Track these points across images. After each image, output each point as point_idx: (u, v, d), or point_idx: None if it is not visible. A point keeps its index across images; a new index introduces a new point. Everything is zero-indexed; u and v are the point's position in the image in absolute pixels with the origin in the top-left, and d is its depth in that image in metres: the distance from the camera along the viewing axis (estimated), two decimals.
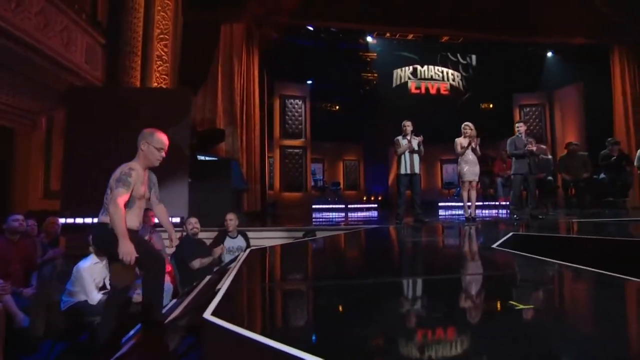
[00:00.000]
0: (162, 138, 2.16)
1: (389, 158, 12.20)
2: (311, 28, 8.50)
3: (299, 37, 8.73)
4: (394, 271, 2.26)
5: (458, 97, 10.86)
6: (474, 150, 5.15)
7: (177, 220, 4.48)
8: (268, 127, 8.76)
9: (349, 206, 9.61)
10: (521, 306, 1.38)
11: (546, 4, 7.84)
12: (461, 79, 10.78)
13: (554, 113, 9.79)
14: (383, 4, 7.91)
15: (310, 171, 9.71)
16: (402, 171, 5.05)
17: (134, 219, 2.12)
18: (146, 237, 3.83)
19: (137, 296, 2.78)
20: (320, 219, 7.22)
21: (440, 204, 9.35)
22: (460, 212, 9.30)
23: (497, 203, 8.60)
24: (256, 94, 7.21)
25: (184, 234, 3.66)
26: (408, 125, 5.18)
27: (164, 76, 5.88)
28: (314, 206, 9.14)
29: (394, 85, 10.29)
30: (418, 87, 10.70)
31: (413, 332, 1.17)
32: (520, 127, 5.48)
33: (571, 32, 8.42)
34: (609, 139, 6.78)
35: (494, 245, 2.87)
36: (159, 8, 5.72)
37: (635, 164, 6.45)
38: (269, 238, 4.41)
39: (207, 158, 5.28)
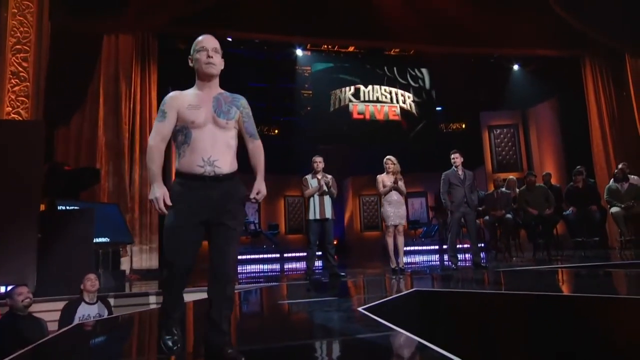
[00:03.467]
0: (201, 38, 2.17)
1: (344, 191, 12.66)
2: (230, 39, 8.99)
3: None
4: None
5: (410, 124, 11.59)
6: (397, 189, 5.59)
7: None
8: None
9: (286, 255, 9.81)
10: None
11: (507, 13, 8.76)
12: (413, 101, 11.55)
13: (529, 134, 10.64)
14: (316, 12, 8.57)
15: None
16: (312, 217, 5.37)
17: (192, 159, 1.98)
18: None
19: None
20: (246, 274, 7.35)
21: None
22: (427, 257, 9.84)
23: (467, 246, 9.08)
24: (153, 121, 7.42)
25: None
26: (319, 162, 5.56)
27: (22, 98, 5.96)
28: (238, 257, 9.23)
29: (332, 108, 10.87)
30: (361, 112, 11.30)
31: None
32: (456, 159, 5.99)
33: (536, 43, 9.36)
34: (577, 167, 7.46)
35: (362, 308, 3.15)
36: (15, 10, 5.67)
37: (605, 197, 7.10)
38: (138, 305, 4.53)
39: (67, 207, 5.38)
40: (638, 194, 6.76)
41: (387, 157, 5.70)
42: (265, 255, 9.74)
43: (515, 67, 10.40)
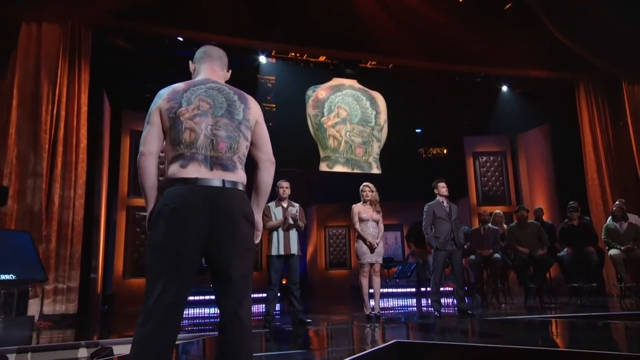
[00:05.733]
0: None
1: (308, 222, 12.47)
2: (181, 39, 8.83)
3: (164, 48, 8.99)
4: None
5: None
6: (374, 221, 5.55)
7: None
8: (109, 179, 8.56)
9: None
10: None
11: (496, 29, 9.11)
12: (386, 121, 11.65)
13: (518, 163, 10.97)
14: (284, 15, 8.59)
15: None
16: (274, 252, 5.22)
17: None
18: None
19: None
20: (188, 320, 6.99)
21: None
22: (402, 301, 9.76)
23: (449, 289, 9.12)
24: (82, 130, 7.05)
25: None
26: (286, 187, 5.46)
27: None
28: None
29: (310, 127, 10.76)
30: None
31: None
32: (442, 188, 6.04)
33: (527, 63, 9.76)
34: (570, 202, 7.69)
35: None
36: None
37: (602, 237, 7.31)
38: None
39: None
40: (638, 235, 7.01)
41: (365, 184, 5.69)
42: (212, 297, 9.30)
43: (504, 88, 10.77)
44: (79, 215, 6.97)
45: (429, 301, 6.17)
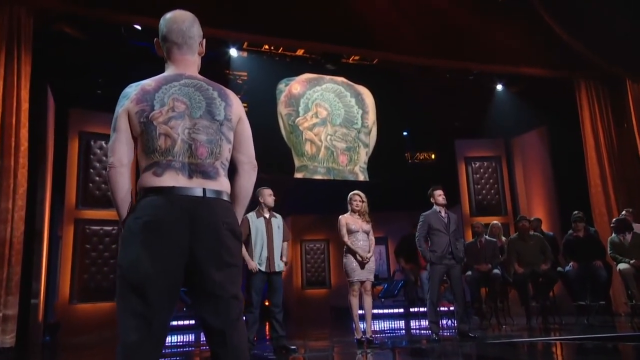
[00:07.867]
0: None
1: (294, 236, 12.33)
2: (139, 28, 8.62)
3: (119, 38, 8.77)
4: None
5: None
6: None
7: None
8: (53, 188, 8.27)
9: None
10: None
11: (489, 22, 9.19)
12: (375, 123, 11.60)
13: (515, 169, 11.09)
14: (254, 2, 8.48)
15: None
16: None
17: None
18: None
19: None
20: None
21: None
22: (389, 323, 9.69)
23: (444, 309, 9.13)
24: (22, 131, 6.79)
25: None
26: (269, 195, 5.34)
27: None
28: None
29: (282, 129, 10.43)
30: (316, 134, 11.03)
31: None
32: (439, 197, 6.02)
33: (523, 60, 9.88)
34: (575, 212, 7.78)
35: None
36: None
37: (609, 252, 7.38)
38: None
39: None
40: None
41: (355, 192, 5.66)
42: (176, 322, 9.09)
43: (499, 87, 10.83)
44: (18, 230, 6.70)
45: (425, 322, 6.13)
